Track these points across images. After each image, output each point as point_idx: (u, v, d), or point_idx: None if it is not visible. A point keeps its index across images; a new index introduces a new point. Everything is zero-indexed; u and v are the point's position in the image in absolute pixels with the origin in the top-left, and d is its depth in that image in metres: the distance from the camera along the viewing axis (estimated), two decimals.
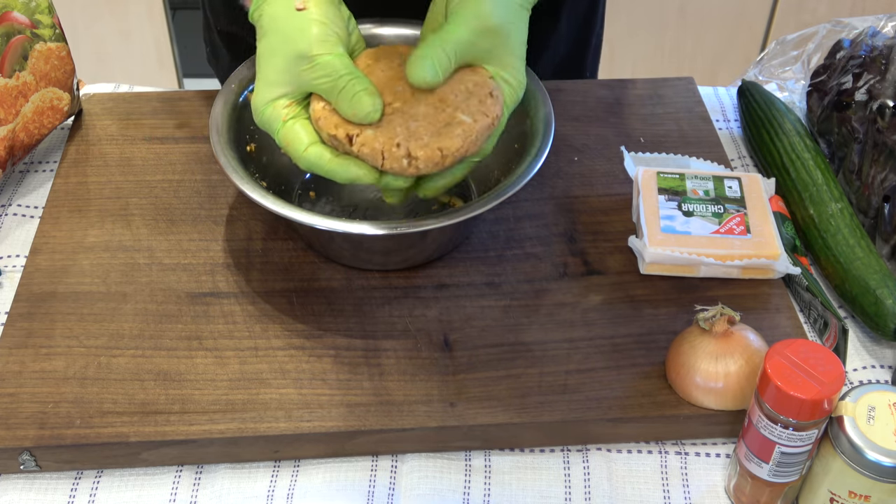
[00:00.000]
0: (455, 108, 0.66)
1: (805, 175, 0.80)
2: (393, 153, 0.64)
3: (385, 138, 0.65)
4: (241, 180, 0.70)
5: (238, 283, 0.74)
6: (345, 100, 0.64)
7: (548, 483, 0.66)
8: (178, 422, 0.66)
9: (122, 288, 0.74)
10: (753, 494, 0.63)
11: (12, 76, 0.80)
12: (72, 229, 0.78)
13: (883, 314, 0.71)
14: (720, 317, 0.66)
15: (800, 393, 0.57)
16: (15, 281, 0.76)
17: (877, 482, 0.57)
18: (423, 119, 0.66)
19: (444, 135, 0.65)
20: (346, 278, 0.75)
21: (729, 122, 0.93)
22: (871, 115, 0.79)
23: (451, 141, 0.65)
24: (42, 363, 0.69)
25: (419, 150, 0.64)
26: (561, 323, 0.72)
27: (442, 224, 0.68)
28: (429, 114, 0.66)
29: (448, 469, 0.67)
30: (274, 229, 0.78)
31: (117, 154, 0.85)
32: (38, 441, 0.64)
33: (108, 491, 0.65)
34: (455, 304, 0.73)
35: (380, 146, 0.64)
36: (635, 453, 0.68)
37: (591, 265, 0.76)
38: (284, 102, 0.67)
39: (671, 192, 0.78)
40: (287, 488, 0.66)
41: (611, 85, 0.93)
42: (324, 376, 0.68)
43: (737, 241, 0.75)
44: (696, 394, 0.67)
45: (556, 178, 0.83)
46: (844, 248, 0.75)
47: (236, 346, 0.70)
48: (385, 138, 0.65)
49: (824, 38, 0.91)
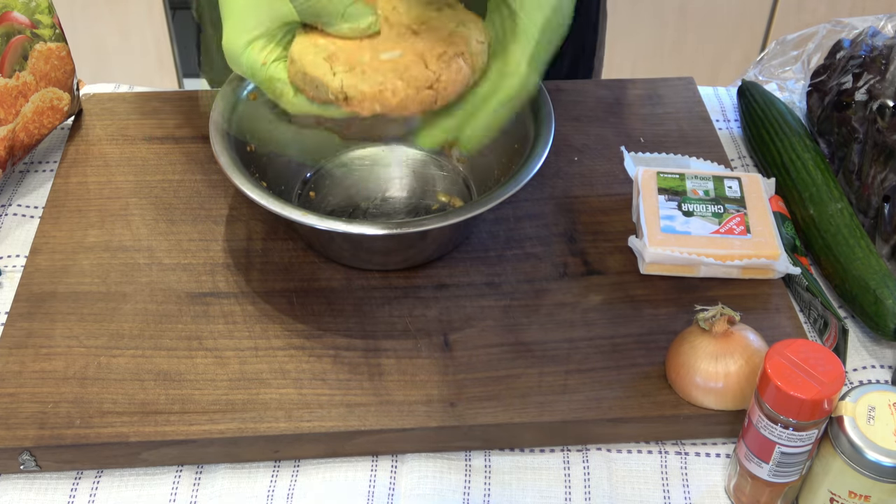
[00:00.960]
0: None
1: (805, 175, 0.80)
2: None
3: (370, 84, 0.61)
4: (241, 180, 0.70)
5: (238, 283, 0.74)
6: (336, 14, 0.59)
7: (548, 483, 0.66)
8: (178, 422, 0.66)
9: (122, 288, 0.74)
10: (753, 494, 0.63)
11: (12, 76, 0.80)
12: (72, 229, 0.78)
13: (883, 314, 0.71)
14: (720, 317, 0.66)
15: (800, 393, 0.57)
16: (15, 281, 0.76)
17: (877, 482, 0.57)
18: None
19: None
20: (346, 278, 0.75)
21: (729, 122, 0.93)
22: (871, 115, 0.79)
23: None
24: (42, 363, 0.69)
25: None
26: (561, 323, 0.72)
27: (442, 224, 0.68)
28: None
29: (448, 469, 0.67)
30: (274, 229, 0.78)
31: (117, 154, 0.85)
32: (38, 441, 0.64)
33: (108, 491, 0.65)
34: (455, 304, 0.73)
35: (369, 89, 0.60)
36: (635, 453, 0.68)
37: (591, 265, 0.76)
38: (261, 44, 0.61)
39: (671, 192, 0.78)
40: (287, 488, 0.66)
41: (611, 85, 0.93)
42: (324, 376, 0.68)
43: (737, 241, 0.75)
44: (696, 394, 0.67)
45: (556, 178, 0.83)
46: (844, 248, 0.75)
47: (236, 346, 0.70)
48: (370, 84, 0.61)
49: (824, 38, 0.91)
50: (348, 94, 0.60)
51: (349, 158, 0.84)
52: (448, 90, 0.61)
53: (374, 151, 0.85)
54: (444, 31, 0.62)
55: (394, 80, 0.60)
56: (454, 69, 0.61)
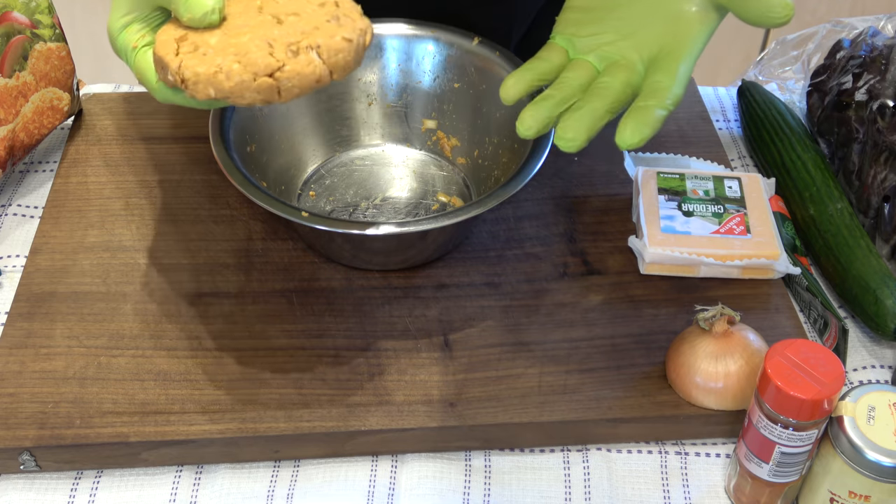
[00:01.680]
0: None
1: (805, 175, 0.80)
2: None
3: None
4: (241, 180, 0.70)
5: (238, 283, 0.74)
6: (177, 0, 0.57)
7: (548, 483, 0.66)
8: (178, 422, 0.66)
9: (122, 288, 0.74)
10: (753, 494, 0.63)
11: (12, 76, 0.80)
12: (72, 229, 0.78)
13: (883, 314, 0.71)
14: (720, 317, 0.66)
15: (800, 393, 0.57)
16: (15, 281, 0.76)
17: (877, 482, 0.57)
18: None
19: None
20: (346, 278, 0.75)
21: (729, 122, 0.93)
22: (871, 115, 0.79)
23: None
24: (42, 363, 0.69)
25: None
26: (561, 323, 0.72)
27: (442, 224, 0.68)
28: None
29: (448, 469, 0.67)
30: (274, 229, 0.78)
31: (117, 154, 0.85)
32: (38, 441, 0.64)
33: (108, 491, 0.65)
34: (455, 304, 0.73)
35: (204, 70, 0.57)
36: (635, 453, 0.68)
37: (591, 265, 0.76)
38: (136, 28, 0.60)
39: (671, 192, 0.78)
40: (287, 488, 0.66)
41: None
42: (324, 376, 0.68)
43: (737, 241, 0.75)
44: (696, 394, 0.67)
45: (556, 178, 0.83)
46: (844, 248, 0.75)
47: (236, 346, 0.70)
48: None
49: (824, 38, 0.91)
50: (184, 75, 0.57)
51: (349, 158, 0.84)
52: (292, 82, 0.57)
53: (374, 151, 0.85)
54: (310, 24, 0.59)
55: (230, 63, 0.57)
56: (303, 61, 0.57)
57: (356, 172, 0.83)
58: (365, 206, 0.80)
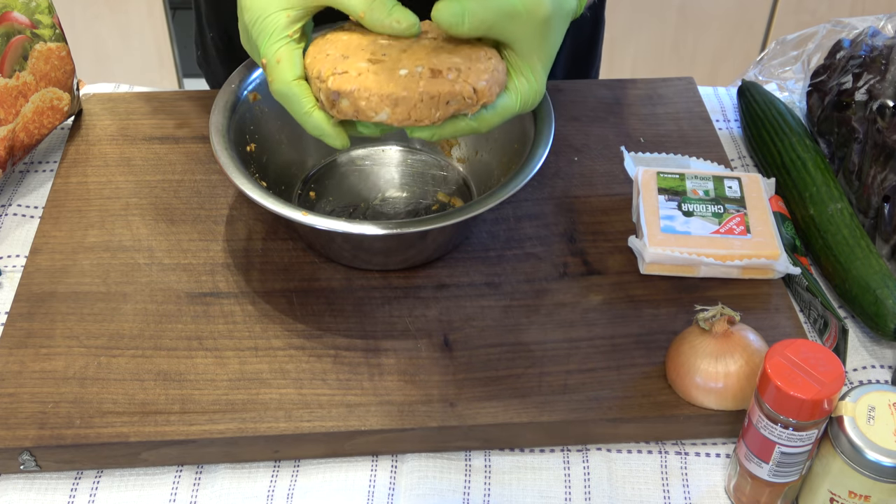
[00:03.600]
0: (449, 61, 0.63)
1: (805, 175, 0.80)
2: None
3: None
4: (241, 180, 0.70)
5: (238, 283, 0.74)
6: (382, 10, 0.60)
7: (548, 483, 0.66)
8: (178, 422, 0.66)
9: (122, 288, 0.74)
10: (753, 494, 0.63)
11: (12, 76, 0.80)
12: (72, 229, 0.78)
13: (883, 314, 0.71)
14: (720, 317, 0.66)
15: (800, 393, 0.57)
16: (15, 281, 0.76)
17: (877, 482, 0.57)
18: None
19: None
20: (346, 278, 0.75)
21: (729, 122, 0.93)
22: (871, 115, 0.79)
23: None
24: (42, 363, 0.69)
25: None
26: (561, 323, 0.72)
27: (442, 224, 0.68)
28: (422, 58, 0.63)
29: (448, 469, 0.67)
30: (274, 229, 0.78)
31: (117, 154, 0.85)
32: (38, 441, 0.64)
33: (108, 491, 0.65)
34: (455, 304, 0.73)
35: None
36: (635, 453, 0.68)
37: (591, 265, 0.76)
38: (291, 14, 0.62)
39: (671, 192, 0.78)
40: (287, 488, 0.66)
41: (610, 85, 0.93)
42: (324, 376, 0.68)
43: (737, 241, 0.75)
44: (696, 394, 0.67)
45: (556, 178, 0.83)
46: (844, 248, 0.75)
47: (236, 346, 0.70)
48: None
49: (824, 38, 0.91)
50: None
51: (349, 158, 0.84)
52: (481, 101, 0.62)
53: (374, 151, 0.85)
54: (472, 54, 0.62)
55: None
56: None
57: (356, 172, 0.83)
58: (365, 206, 0.80)
